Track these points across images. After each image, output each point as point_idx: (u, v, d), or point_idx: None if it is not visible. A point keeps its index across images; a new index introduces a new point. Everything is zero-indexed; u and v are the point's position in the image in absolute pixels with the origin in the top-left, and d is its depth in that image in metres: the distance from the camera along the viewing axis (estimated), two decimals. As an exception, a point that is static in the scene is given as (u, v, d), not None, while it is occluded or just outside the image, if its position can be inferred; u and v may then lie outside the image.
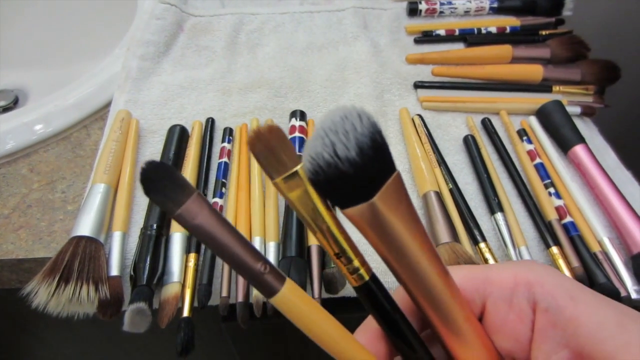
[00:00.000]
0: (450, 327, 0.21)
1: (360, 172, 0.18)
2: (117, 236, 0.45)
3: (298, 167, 0.19)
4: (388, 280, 0.26)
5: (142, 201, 0.49)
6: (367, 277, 0.21)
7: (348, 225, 0.21)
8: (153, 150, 0.54)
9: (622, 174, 0.54)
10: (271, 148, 0.19)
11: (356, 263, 0.20)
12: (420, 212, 0.48)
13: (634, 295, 0.42)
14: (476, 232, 0.46)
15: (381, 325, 0.22)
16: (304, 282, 0.42)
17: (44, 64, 0.79)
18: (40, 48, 0.79)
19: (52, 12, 0.79)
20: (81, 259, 0.41)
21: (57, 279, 0.39)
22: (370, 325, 0.23)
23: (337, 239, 0.20)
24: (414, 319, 0.23)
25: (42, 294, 0.39)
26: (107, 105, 0.60)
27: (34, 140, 0.56)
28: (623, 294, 0.42)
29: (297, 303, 0.20)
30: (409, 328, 0.22)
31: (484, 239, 0.46)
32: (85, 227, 0.44)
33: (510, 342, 0.22)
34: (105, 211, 0.46)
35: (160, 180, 0.18)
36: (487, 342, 0.22)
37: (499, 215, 0.47)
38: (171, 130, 0.54)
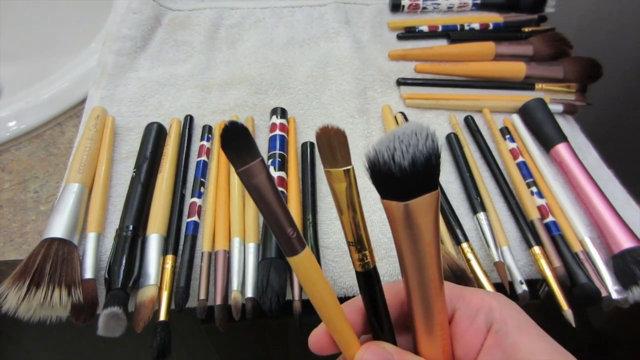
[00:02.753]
0: (427, 323, 0.25)
1: (405, 178, 0.22)
2: (91, 237, 0.44)
3: (347, 168, 0.23)
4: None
5: (118, 201, 0.48)
6: (371, 266, 0.25)
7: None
8: (129, 149, 0.53)
9: (603, 173, 0.54)
10: (331, 145, 0.23)
11: (367, 253, 0.25)
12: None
13: (614, 296, 0.42)
14: (458, 232, 0.46)
15: (365, 305, 0.26)
16: (283, 284, 0.41)
17: (16, 59, 0.76)
18: (12, 42, 0.77)
19: (25, 4, 0.77)
20: (53, 261, 0.40)
21: (27, 282, 0.38)
22: (356, 302, 0.27)
23: (359, 229, 0.24)
24: (393, 309, 0.27)
25: (12, 299, 0.38)
26: (82, 101, 0.58)
27: (6, 137, 0.54)
28: (604, 294, 0.42)
29: (308, 267, 0.24)
30: (385, 312, 0.26)
31: (467, 239, 0.45)
32: (58, 228, 0.42)
33: (463, 350, 0.26)
34: (79, 212, 0.45)
35: (235, 140, 0.22)
36: (448, 346, 0.26)
37: (481, 215, 0.47)
38: (148, 127, 0.53)
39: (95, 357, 0.75)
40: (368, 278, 0.25)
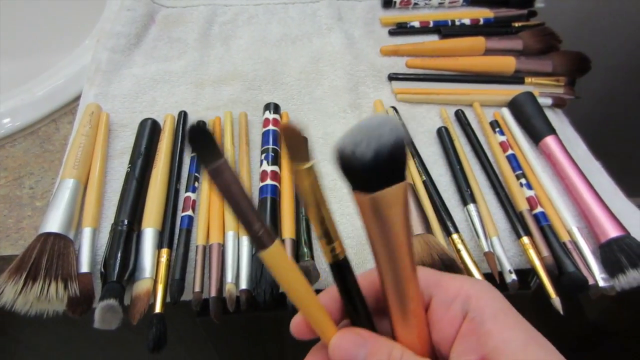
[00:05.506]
0: (401, 310, 0.26)
1: (368, 171, 0.22)
2: (87, 232, 0.44)
3: (308, 165, 0.23)
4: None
5: (113, 196, 0.48)
6: (341, 257, 0.26)
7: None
8: (124, 145, 0.53)
9: (591, 165, 0.54)
10: (292, 143, 0.23)
11: (336, 245, 0.25)
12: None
13: (601, 284, 0.43)
14: (449, 224, 0.46)
15: (341, 293, 0.27)
16: (277, 276, 0.42)
17: (10, 56, 0.76)
18: (6, 39, 0.77)
19: (19, 2, 0.77)
20: (49, 255, 0.40)
21: (24, 276, 0.38)
22: (333, 290, 0.27)
23: (325, 223, 0.24)
24: (371, 296, 0.28)
25: (9, 293, 0.38)
26: (77, 98, 0.58)
27: (1, 134, 0.55)
28: (591, 282, 0.43)
29: (278, 260, 0.25)
30: (360, 299, 0.27)
31: (457, 230, 0.46)
32: (54, 223, 0.43)
33: (438, 336, 0.26)
34: (75, 207, 0.45)
35: (201, 140, 0.22)
36: (424, 332, 0.27)
37: (471, 207, 0.48)
38: (142, 124, 0.54)
39: (91, 352, 0.75)
40: (339, 268, 0.26)
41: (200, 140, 0.23)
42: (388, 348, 0.25)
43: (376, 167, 0.22)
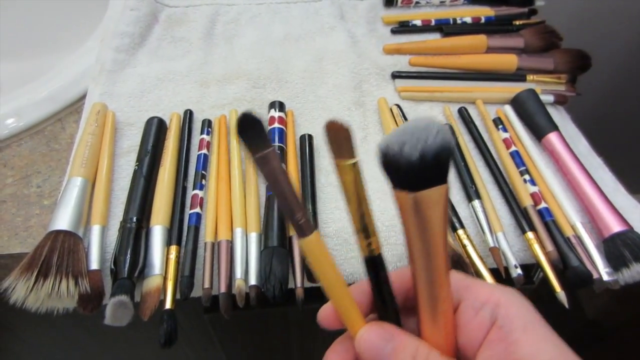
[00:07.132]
0: (431, 310, 0.26)
1: (413, 171, 0.22)
2: (95, 230, 0.45)
3: (353, 161, 0.24)
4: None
5: (121, 194, 0.49)
6: (376, 253, 0.26)
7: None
8: (131, 143, 0.54)
9: (593, 160, 0.55)
10: (338, 139, 0.24)
11: (372, 240, 0.26)
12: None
13: (605, 278, 0.43)
14: (454, 219, 0.47)
15: (372, 288, 0.28)
16: (286, 271, 0.42)
17: (14, 56, 0.77)
18: (10, 39, 0.77)
19: (23, 2, 0.77)
20: (60, 253, 0.41)
21: (35, 273, 0.39)
22: (363, 284, 0.28)
23: (365, 218, 0.25)
24: (400, 294, 0.28)
25: (20, 290, 0.38)
26: (82, 98, 0.59)
27: (6, 134, 0.55)
28: (595, 276, 0.43)
29: (315, 249, 0.26)
30: (390, 296, 0.28)
31: (462, 226, 0.46)
32: (63, 221, 0.43)
33: (464, 340, 0.26)
34: (83, 205, 0.46)
35: (251, 129, 0.24)
36: (452, 334, 0.27)
37: (476, 203, 0.48)
38: (149, 122, 0.54)
39: (94, 350, 0.75)
40: (374, 264, 0.27)
41: (249, 128, 0.24)
42: (415, 345, 0.25)
43: (422, 168, 0.22)
